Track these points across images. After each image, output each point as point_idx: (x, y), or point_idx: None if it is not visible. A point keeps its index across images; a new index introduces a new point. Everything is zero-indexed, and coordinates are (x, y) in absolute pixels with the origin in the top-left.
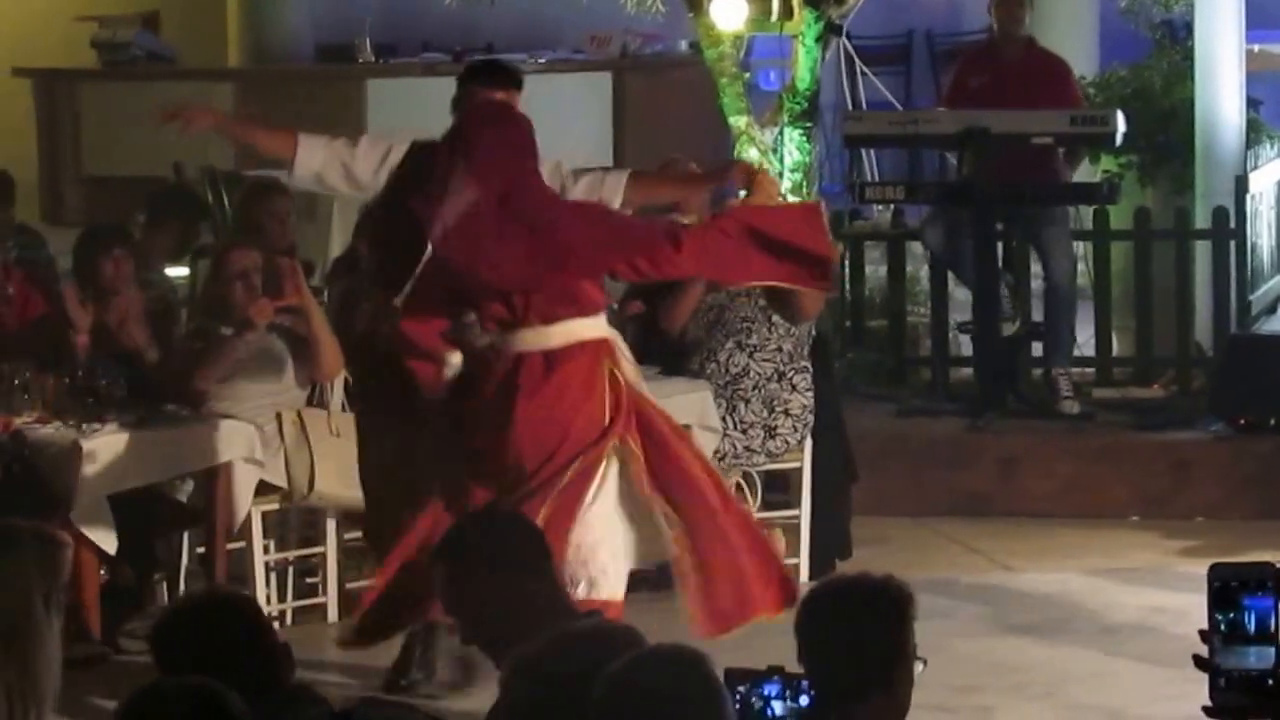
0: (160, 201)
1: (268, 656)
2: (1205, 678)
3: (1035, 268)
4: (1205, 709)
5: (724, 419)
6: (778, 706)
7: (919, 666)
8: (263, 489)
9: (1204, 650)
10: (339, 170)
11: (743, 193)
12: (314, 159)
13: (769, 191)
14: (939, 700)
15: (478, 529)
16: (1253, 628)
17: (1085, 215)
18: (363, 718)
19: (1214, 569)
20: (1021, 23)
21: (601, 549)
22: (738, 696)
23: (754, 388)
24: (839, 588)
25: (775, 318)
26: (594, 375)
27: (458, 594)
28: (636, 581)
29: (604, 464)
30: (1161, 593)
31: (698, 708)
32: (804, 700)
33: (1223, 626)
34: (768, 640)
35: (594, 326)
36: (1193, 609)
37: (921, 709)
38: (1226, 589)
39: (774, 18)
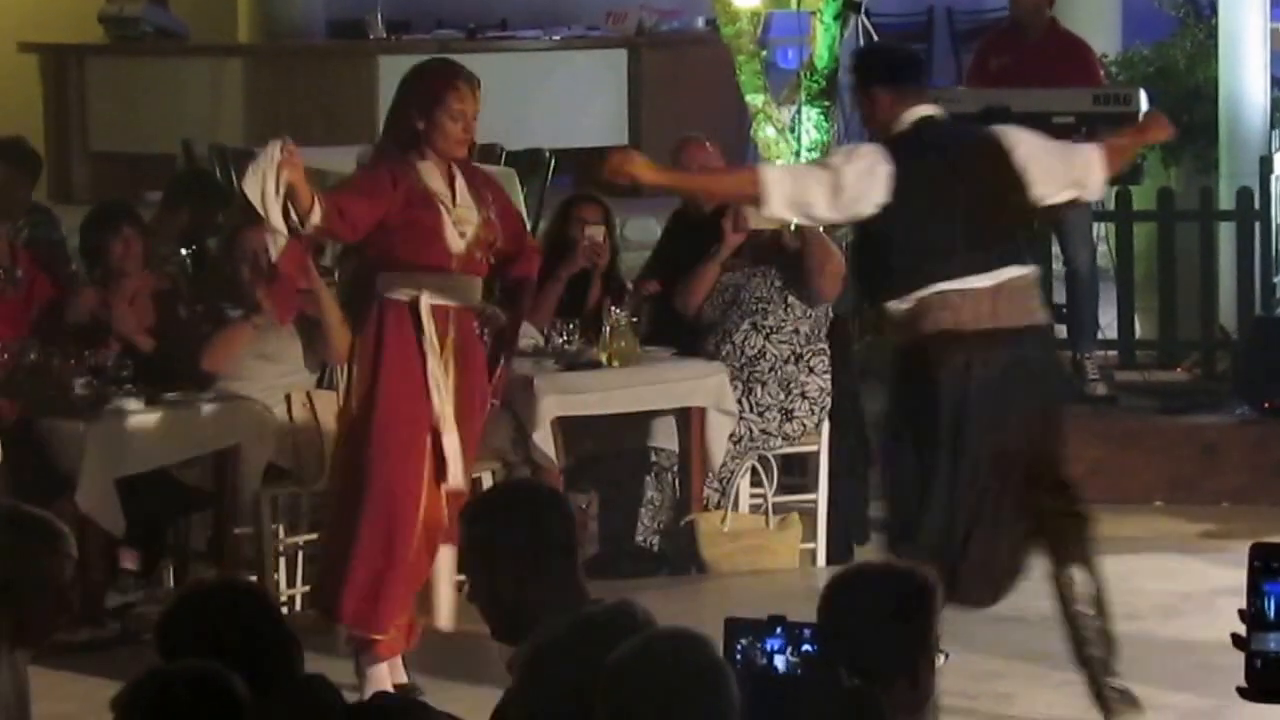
0: (178, 183)
1: (278, 646)
2: (1230, 664)
3: (1055, 249)
4: (1240, 690)
5: (740, 402)
6: (780, 661)
7: (941, 658)
8: (272, 472)
9: (1242, 630)
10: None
11: None
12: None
13: None
14: (959, 687)
15: (497, 498)
16: (1272, 613)
17: (1108, 196)
18: (375, 710)
19: (1255, 548)
20: (1044, 8)
21: None
22: (739, 650)
23: (770, 370)
24: (863, 575)
25: (792, 299)
26: None
27: (481, 560)
28: (654, 564)
29: None
30: (1187, 578)
31: (702, 691)
32: (806, 651)
33: (1263, 607)
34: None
35: None
36: (1218, 594)
37: (942, 696)
38: (1269, 569)
39: None
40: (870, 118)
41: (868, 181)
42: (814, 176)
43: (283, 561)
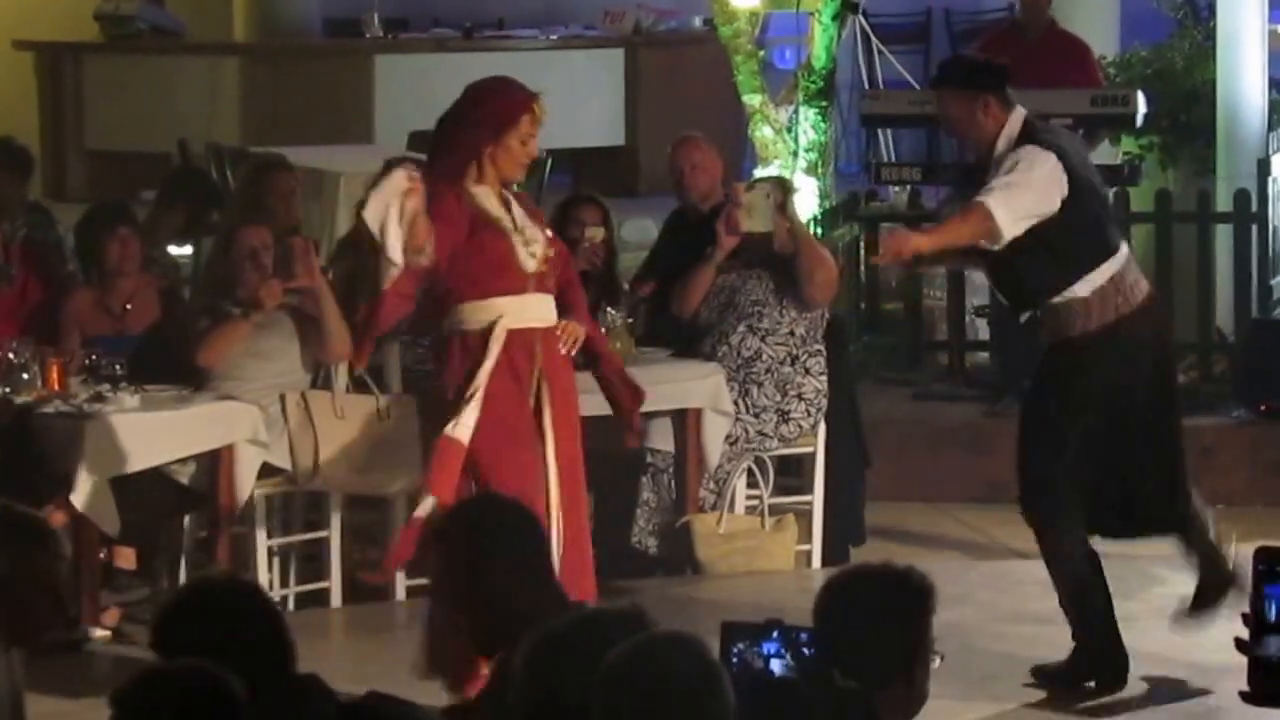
0: (172, 182)
1: (274, 646)
2: (1226, 666)
3: None
4: (1242, 694)
5: (736, 403)
6: (777, 665)
7: (936, 660)
8: (266, 471)
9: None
10: None
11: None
12: None
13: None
14: (955, 690)
15: (480, 511)
16: (1274, 616)
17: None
18: (370, 712)
19: (1259, 552)
20: (1046, 9)
21: None
22: (736, 654)
23: (767, 371)
24: (859, 577)
25: (787, 301)
26: None
27: (454, 575)
28: (650, 565)
29: None
30: (1181, 580)
31: (697, 694)
32: (803, 654)
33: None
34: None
35: None
36: None
37: (937, 698)
38: (1272, 573)
39: None
40: (976, 125)
41: (1057, 177)
42: (1020, 187)
43: (276, 562)
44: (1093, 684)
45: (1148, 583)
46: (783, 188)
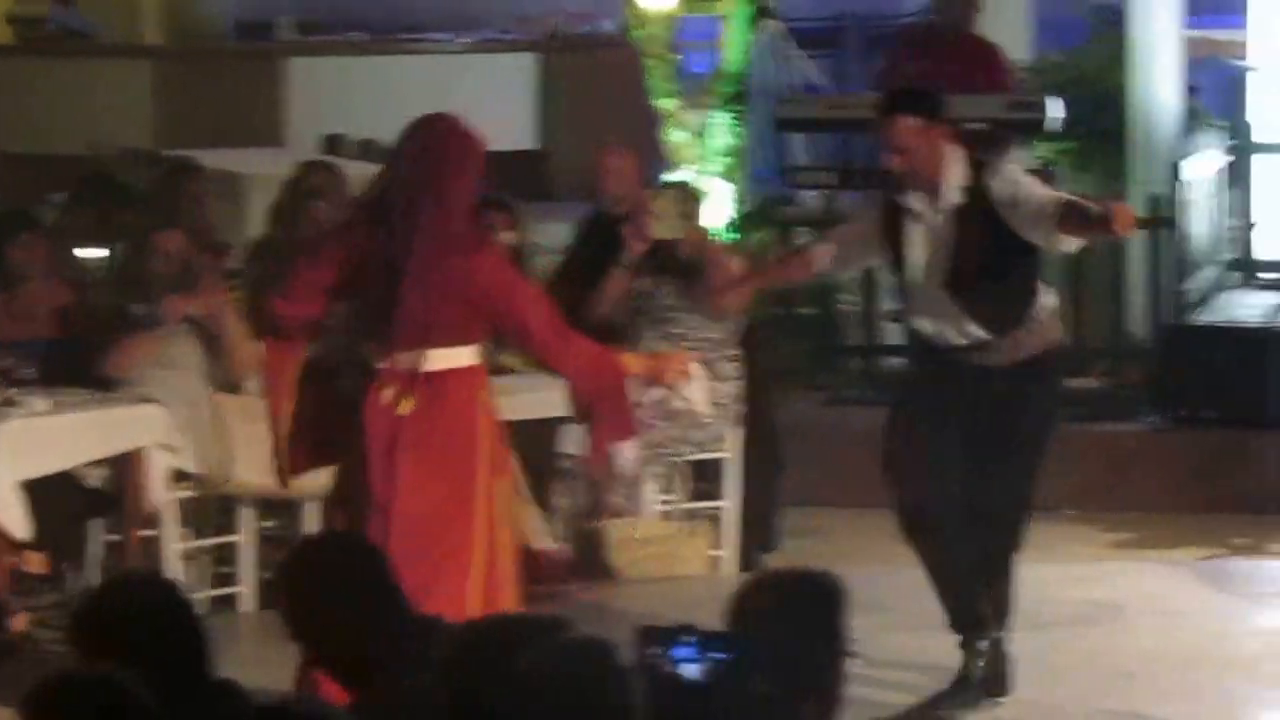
0: (84, 185)
1: (193, 649)
2: (1141, 671)
3: None
4: None
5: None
6: (691, 670)
7: (852, 663)
8: (177, 476)
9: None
10: None
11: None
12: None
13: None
14: (870, 695)
15: (314, 554)
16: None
17: None
18: (289, 714)
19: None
20: (965, 14)
21: None
22: (650, 658)
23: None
24: (772, 581)
25: (700, 305)
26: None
27: (299, 621)
28: (564, 570)
29: None
30: (1098, 588)
31: (608, 699)
32: (717, 659)
33: None
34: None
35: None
36: (1129, 604)
37: (854, 703)
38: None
39: None
40: (936, 150)
41: None
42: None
43: (187, 566)
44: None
45: (1065, 587)
46: (689, 196)
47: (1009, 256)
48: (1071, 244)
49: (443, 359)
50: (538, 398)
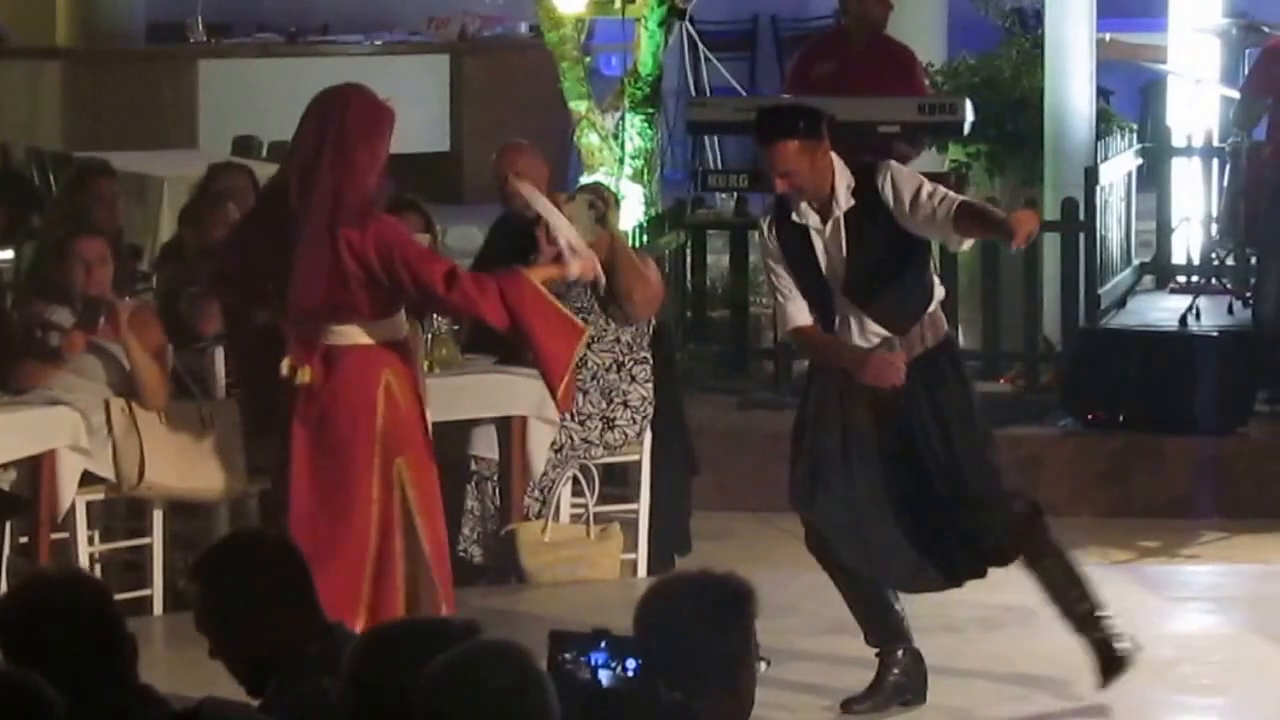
0: None
1: (115, 652)
2: (1049, 676)
3: None
4: None
5: None
6: (605, 676)
7: (761, 665)
8: (88, 478)
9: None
10: None
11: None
12: None
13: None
14: (779, 699)
15: (230, 550)
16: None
17: None
18: (205, 717)
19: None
20: (876, 17)
21: None
22: (563, 664)
23: (592, 378)
24: (678, 584)
25: (612, 307)
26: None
27: (210, 616)
28: (475, 574)
29: None
30: (1006, 591)
31: (522, 703)
32: (631, 665)
33: None
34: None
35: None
36: (1038, 608)
37: (763, 706)
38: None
39: (617, 1)
40: (819, 167)
41: None
42: None
43: (97, 569)
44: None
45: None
46: (604, 199)
47: (903, 255)
48: (967, 243)
49: (340, 335)
50: (450, 401)
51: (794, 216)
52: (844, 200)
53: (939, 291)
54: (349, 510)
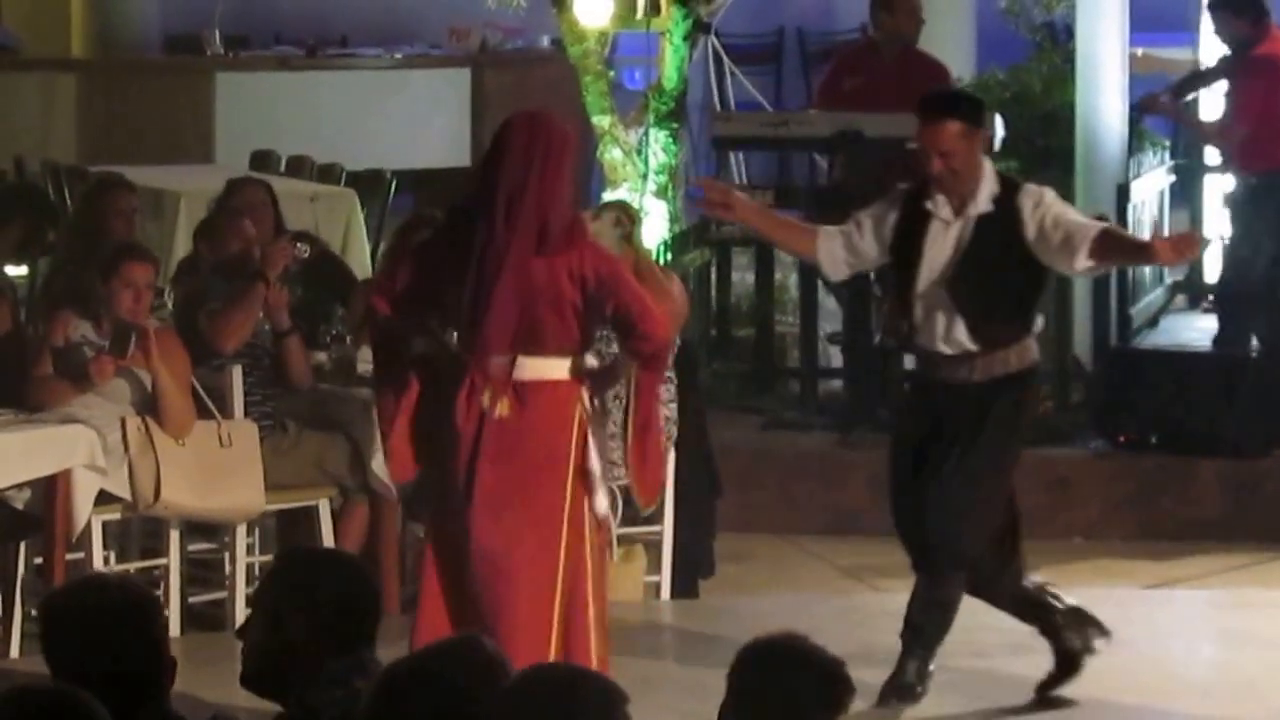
0: (7, 200)
1: (158, 670)
2: (1078, 699)
3: None
4: None
5: None
6: None
7: None
8: (104, 498)
9: None
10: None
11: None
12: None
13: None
14: None
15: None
16: None
17: None
18: None
19: None
20: (909, 30)
21: None
22: None
23: (615, 398)
24: (784, 655)
25: None
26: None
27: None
28: None
29: None
30: None
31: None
32: None
33: None
34: None
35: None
36: None
37: None
38: None
39: (640, 14)
40: (975, 157)
41: None
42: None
43: None
44: None
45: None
46: (630, 216)
47: (1019, 276)
48: (1094, 271)
49: (537, 368)
50: None
51: (926, 203)
52: (983, 204)
53: (1038, 324)
54: (538, 549)
